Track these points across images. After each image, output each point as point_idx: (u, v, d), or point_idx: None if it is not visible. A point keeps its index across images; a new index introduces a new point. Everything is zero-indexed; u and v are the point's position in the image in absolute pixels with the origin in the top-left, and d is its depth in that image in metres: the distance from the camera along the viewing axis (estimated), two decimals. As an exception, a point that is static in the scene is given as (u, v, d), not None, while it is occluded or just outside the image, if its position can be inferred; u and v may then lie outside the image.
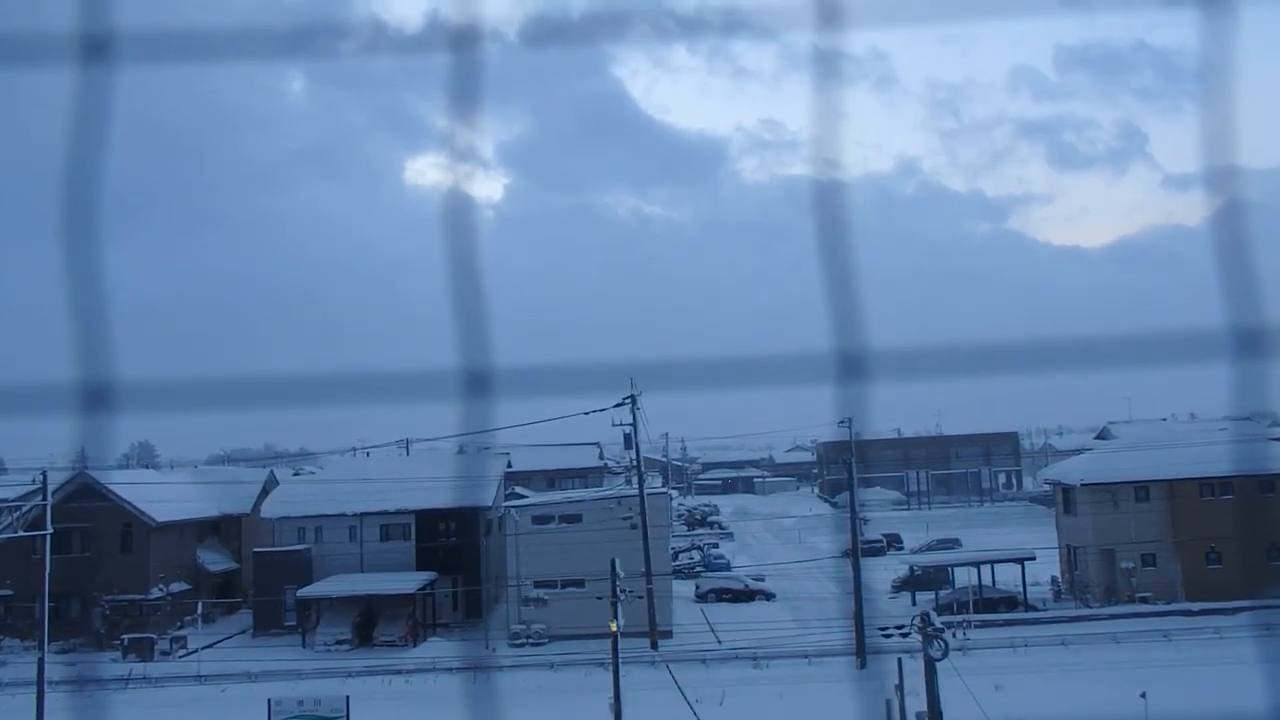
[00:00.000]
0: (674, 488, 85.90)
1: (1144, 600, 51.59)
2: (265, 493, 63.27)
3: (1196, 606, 49.52)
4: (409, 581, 52.19)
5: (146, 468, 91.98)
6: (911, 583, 58.09)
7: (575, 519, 51.80)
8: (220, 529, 62.76)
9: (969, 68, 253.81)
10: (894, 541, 78.65)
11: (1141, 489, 54.30)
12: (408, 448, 72.17)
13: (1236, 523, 51.83)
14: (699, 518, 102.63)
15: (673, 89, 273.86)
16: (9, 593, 52.87)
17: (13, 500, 51.25)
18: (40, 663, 39.34)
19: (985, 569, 54.51)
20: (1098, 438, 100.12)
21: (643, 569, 47.38)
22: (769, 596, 59.40)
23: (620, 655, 32.40)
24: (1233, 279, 3.30)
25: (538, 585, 49.78)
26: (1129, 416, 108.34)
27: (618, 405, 50.28)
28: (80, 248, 3.12)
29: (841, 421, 54.61)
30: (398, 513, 55.49)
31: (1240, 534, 51.54)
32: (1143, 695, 32.36)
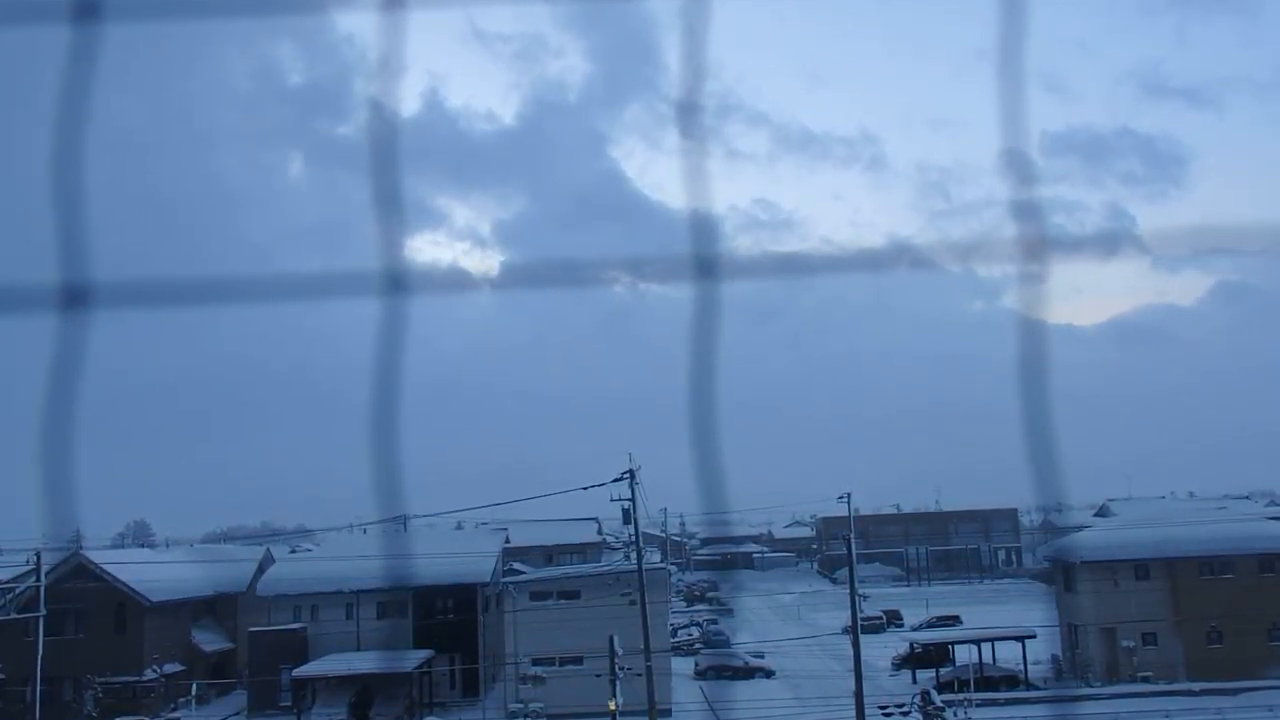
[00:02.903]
0: (673, 563, 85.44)
1: (1145, 679, 51.23)
2: (261, 570, 62.95)
3: (1198, 686, 49.23)
4: (406, 660, 51.77)
5: (142, 546, 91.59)
6: (912, 660, 57.68)
7: (573, 595, 51.61)
8: (215, 608, 62.31)
9: (958, 150, 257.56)
10: (894, 618, 78.15)
11: (1142, 567, 54.25)
12: (405, 524, 71.98)
13: (1236, 602, 51.70)
14: (698, 593, 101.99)
15: (667, 169, 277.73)
16: (1, 676, 52.23)
17: (6, 581, 51.06)
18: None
19: (986, 646, 54.19)
20: (1097, 515, 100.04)
21: (641, 645, 47.08)
22: (768, 674, 58.89)
23: (619, 734, 32.20)
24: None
25: (536, 662, 49.45)
26: (1128, 494, 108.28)
27: (616, 480, 50.38)
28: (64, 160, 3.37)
29: (840, 497, 54.80)
30: (395, 589, 55.20)
31: (1240, 613, 51.35)
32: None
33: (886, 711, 44.66)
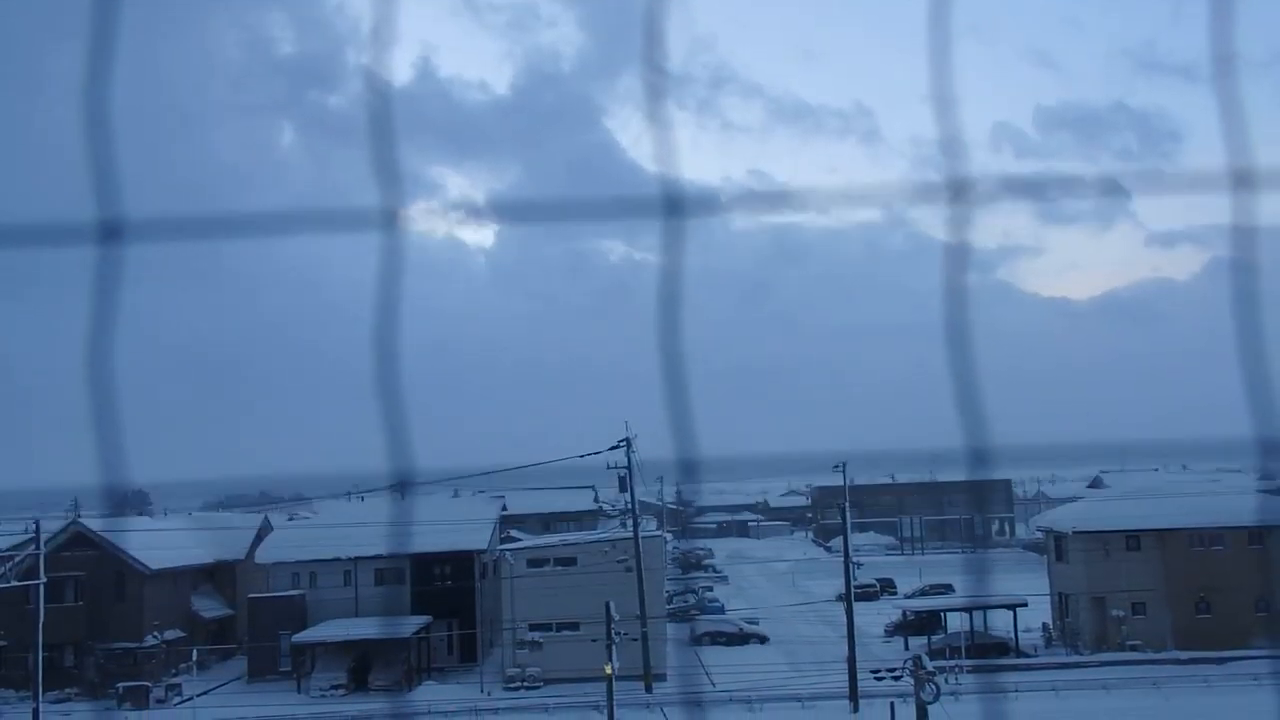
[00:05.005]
0: (669, 531, 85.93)
1: (1134, 648, 51.87)
2: (260, 539, 63.37)
3: (1185, 655, 49.86)
4: (404, 626, 52.32)
5: (140, 515, 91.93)
6: (905, 627, 58.31)
7: (570, 562, 52.09)
8: (215, 575, 62.75)
9: (952, 124, 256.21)
10: (887, 586, 78.76)
11: (1133, 538, 54.72)
12: (402, 492, 72.32)
13: (1225, 574, 52.22)
14: (693, 561, 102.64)
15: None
16: (3, 643, 52.68)
17: (5, 550, 51.44)
18: (35, 713, 39.50)
19: (978, 615, 54.75)
20: (1090, 486, 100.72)
21: (637, 612, 47.61)
22: (763, 640, 59.53)
23: (615, 698, 32.69)
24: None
25: (533, 628, 50.00)
26: (1121, 466, 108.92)
27: (613, 449, 50.78)
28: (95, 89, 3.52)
29: (836, 466, 55.18)
30: (392, 557, 55.67)
31: (1229, 585, 51.88)
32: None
33: (879, 676, 45.21)
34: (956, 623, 55.17)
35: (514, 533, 65.65)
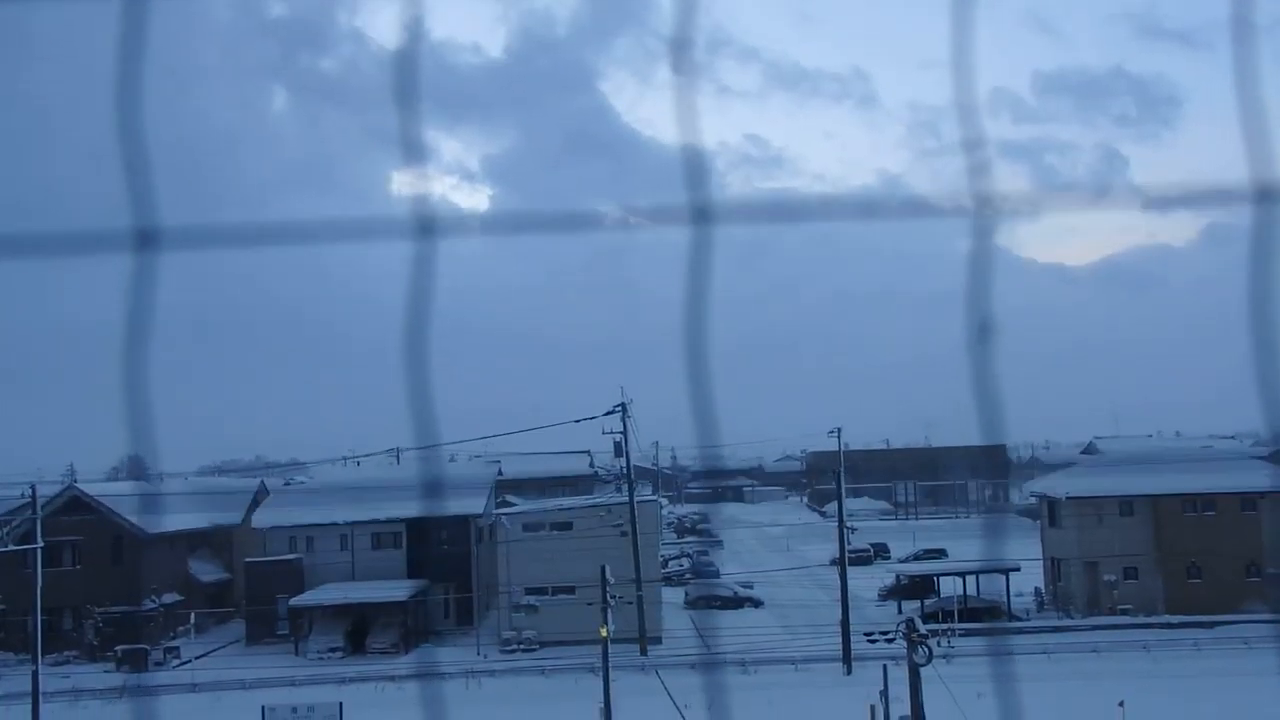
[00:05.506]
0: (664, 496, 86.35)
1: (1125, 613, 52.29)
2: (256, 503, 63.57)
3: (1176, 620, 50.29)
4: (401, 589, 52.61)
5: (137, 480, 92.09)
6: (898, 591, 58.74)
7: (566, 526, 52.34)
8: (212, 540, 63.00)
9: (949, 90, 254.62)
10: (881, 551, 79.23)
11: (1125, 504, 55.02)
12: (398, 456, 72.52)
13: (1217, 539, 52.54)
14: (688, 526, 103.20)
15: (656, 105, 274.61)
16: (2, 607, 52.97)
17: (2, 515, 51.56)
18: (35, 675, 39.71)
19: (970, 579, 55.16)
20: (1084, 453, 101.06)
21: (633, 576, 47.91)
22: (757, 603, 59.97)
23: (610, 661, 32.95)
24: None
25: (529, 592, 50.31)
26: (1115, 432, 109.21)
27: (608, 413, 50.89)
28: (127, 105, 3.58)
29: (831, 432, 55.34)
30: (389, 521, 55.89)
31: (1220, 550, 52.22)
32: (1120, 704, 33.10)
33: (872, 639, 45.52)
34: (949, 587, 55.57)
35: (510, 498, 65.88)
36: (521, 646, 49.26)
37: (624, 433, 51.46)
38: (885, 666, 31.73)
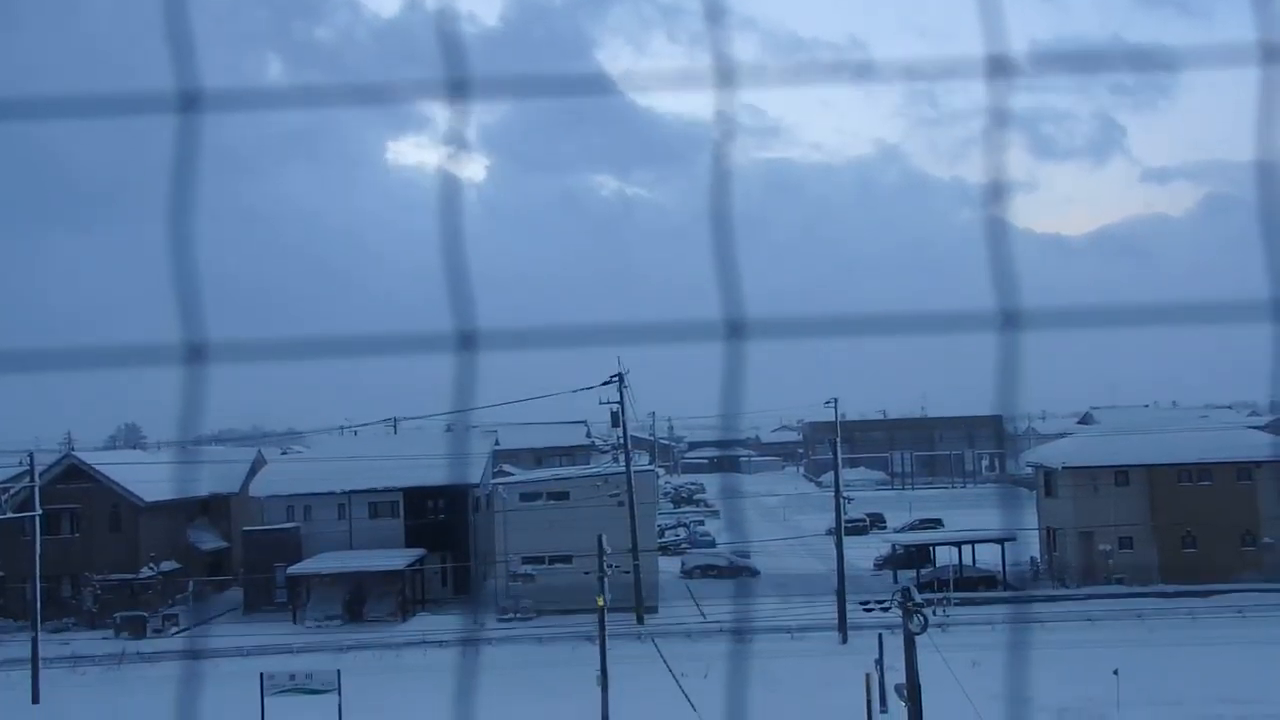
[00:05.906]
0: (660, 466, 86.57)
1: (1120, 582, 52.53)
2: (254, 472, 63.61)
3: (1171, 588, 50.52)
4: (398, 558, 52.75)
5: (134, 448, 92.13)
6: (894, 561, 58.97)
7: (563, 496, 52.43)
8: (210, 508, 63.08)
9: (945, 58, 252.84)
10: (877, 521, 79.50)
11: (1121, 474, 55.11)
12: (395, 426, 72.56)
13: (1212, 509, 52.68)
14: (685, 496, 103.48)
15: (652, 73, 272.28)
16: (1, 574, 53.15)
17: (1, 483, 51.58)
18: (34, 642, 39.90)
19: (966, 549, 55.36)
20: (1080, 422, 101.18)
21: (629, 545, 48.06)
22: (753, 573, 60.19)
23: (607, 629, 33.07)
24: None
25: (526, 561, 50.46)
26: (1112, 402, 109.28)
27: (605, 384, 50.81)
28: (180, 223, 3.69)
29: (828, 402, 55.36)
30: (386, 490, 55.97)
31: (1215, 520, 52.37)
32: (1115, 672, 33.30)
33: (867, 608, 45.73)
34: (945, 557, 55.76)
35: (507, 467, 65.96)
36: (518, 615, 49.46)
37: (621, 403, 51.45)
38: (881, 635, 31.87)
